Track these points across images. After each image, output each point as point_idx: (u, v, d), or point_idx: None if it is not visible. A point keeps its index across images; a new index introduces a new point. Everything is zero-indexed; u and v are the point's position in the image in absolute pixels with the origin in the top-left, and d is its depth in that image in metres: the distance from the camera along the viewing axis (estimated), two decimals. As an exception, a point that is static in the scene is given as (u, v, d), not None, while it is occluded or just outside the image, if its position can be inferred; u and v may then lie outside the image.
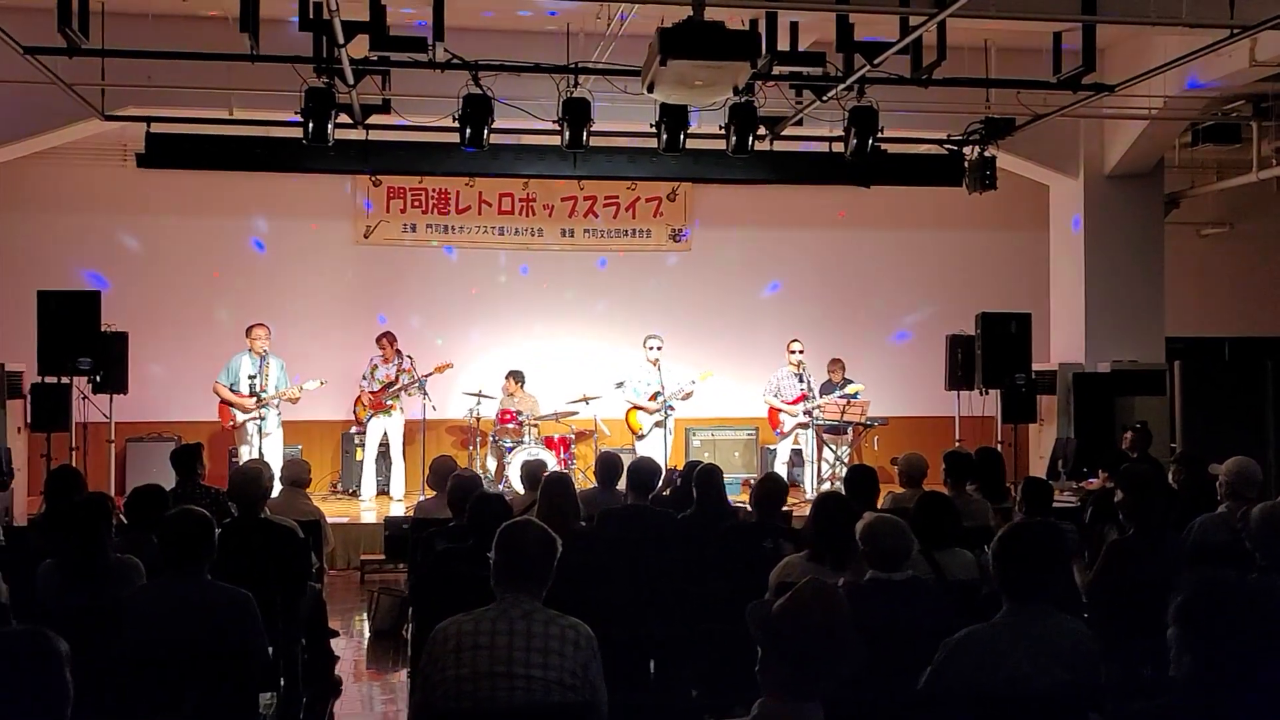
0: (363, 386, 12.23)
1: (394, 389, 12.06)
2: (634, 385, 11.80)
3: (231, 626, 4.44)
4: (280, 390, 11.22)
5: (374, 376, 12.18)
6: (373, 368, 12.22)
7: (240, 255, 13.47)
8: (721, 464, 11.94)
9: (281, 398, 11.23)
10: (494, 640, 3.64)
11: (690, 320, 13.95)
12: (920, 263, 14.61)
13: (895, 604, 4.45)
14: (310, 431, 12.99)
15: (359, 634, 8.31)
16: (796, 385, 11.94)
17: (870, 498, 6.59)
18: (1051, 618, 3.78)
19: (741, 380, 13.35)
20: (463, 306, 13.84)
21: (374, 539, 10.09)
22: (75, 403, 10.41)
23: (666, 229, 14.24)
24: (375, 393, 12.08)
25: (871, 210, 14.17)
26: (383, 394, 12.06)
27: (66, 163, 12.67)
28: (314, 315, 13.36)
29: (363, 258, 13.71)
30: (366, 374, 12.24)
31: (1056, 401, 12.41)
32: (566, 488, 6.33)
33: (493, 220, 13.90)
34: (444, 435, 13.41)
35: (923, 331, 13.77)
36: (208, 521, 4.62)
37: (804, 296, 14.33)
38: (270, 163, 10.83)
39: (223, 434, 12.18)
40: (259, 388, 11.12)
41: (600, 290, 14.12)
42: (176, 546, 4.54)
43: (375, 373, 12.19)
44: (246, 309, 12.56)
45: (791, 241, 14.47)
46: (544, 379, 13.25)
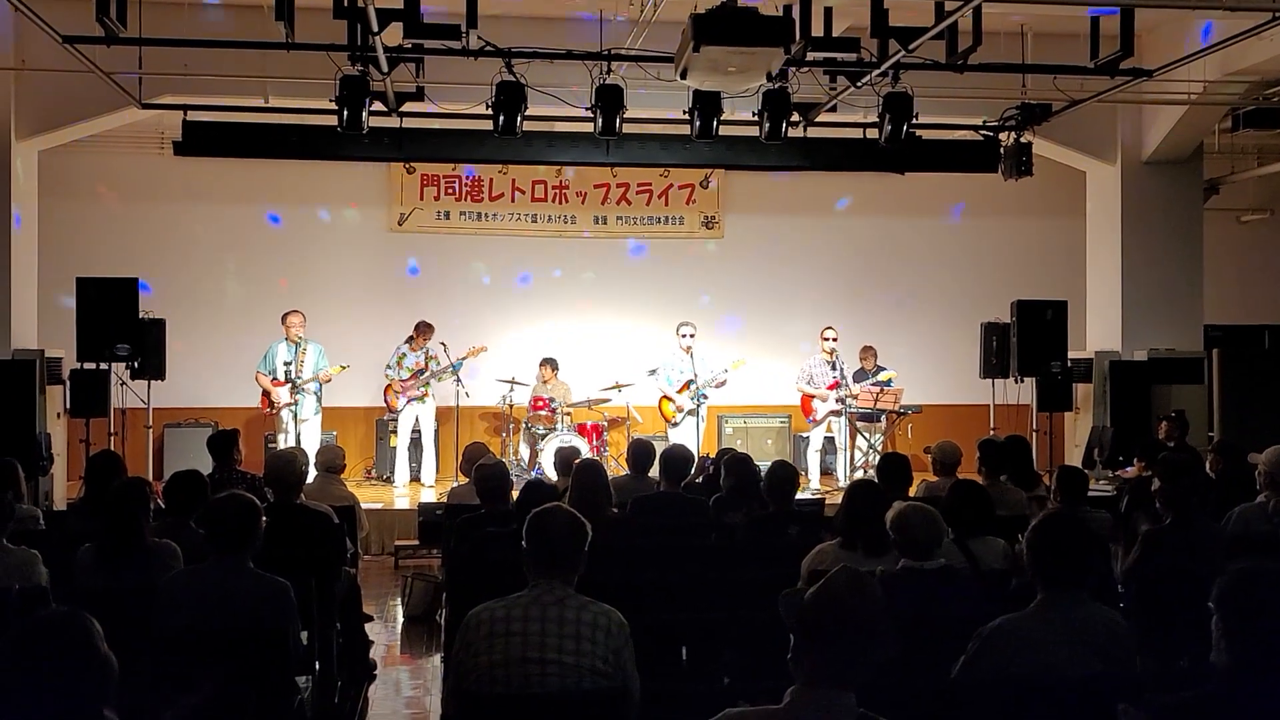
0: (389, 375, 12.26)
1: (424, 376, 12.11)
2: (667, 373, 11.80)
3: (269, 615, 4.47)
4: (313, 374, 11.31)
5: (402, 365, 12.23)
6: (400, 356, 12.25)
7: (276, 242, 13.55)
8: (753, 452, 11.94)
9: (319, 380, 11.35)
10: (526, 626, 3.66)
11: (723, 307, 13.92)
12: (955, 250, 14.52)
13: (928, 592, 4.44)
14: (344, 418, 13.07)
15: (393, 619, 8.36)
16: (829, 373, 11.90)
17: (903, 486, 6.56)
18: (1086, 607, 3.75)
19: (774, 368, 13.31)
20: (495, 294, 13.87)
21: (408, 525, 10.15)
22: (114, 389, 10.52)
23: (699, 216, 14.21)
24: (406, 381, 12.13)
25: (906, 197, 14.09)
26: (413, 382, 12.11)
27: (104, 151, 12.79)
28: (348, 301, 13.42)
29: (397, 244, 13.77)
30: (392, 363, 12.25)
31: (1092, 390, 12.30)
32: (598, 474, 6.34)
33: (526, 208, 13.92)
34: (477, 422, 13.46)
35: (957, 319, 13.68)
36: (255, 508, 4.64)
37: (837, 284, 14.27)
38: (305, 150, 10.88)
39: (260, 420, 12.29)
40: (294, 374, 11.20)
41: (633, 277, 14.11)
42: (222, 532, 4.56)
43: (403, 361, 12.23)
44: (281, 295, 12.64)
45: (825, 228, 14.41)
46: (577, 366, 13.25)
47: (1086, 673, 3.66)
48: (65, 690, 2.66)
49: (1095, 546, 3.98)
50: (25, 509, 6.47)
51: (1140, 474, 8.86)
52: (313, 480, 7.63)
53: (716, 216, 14.23)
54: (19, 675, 2.66)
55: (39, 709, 2.63)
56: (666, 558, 5.78)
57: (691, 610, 5.02)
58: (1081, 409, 12.42)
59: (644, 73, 8.87)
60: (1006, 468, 7.34)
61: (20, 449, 8.80)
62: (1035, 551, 3.82)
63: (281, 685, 4.44)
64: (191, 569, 4.79)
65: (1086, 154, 12.49)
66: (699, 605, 5.10)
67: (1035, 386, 11.40)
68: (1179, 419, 10.36)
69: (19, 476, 6.40)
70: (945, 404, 13.54)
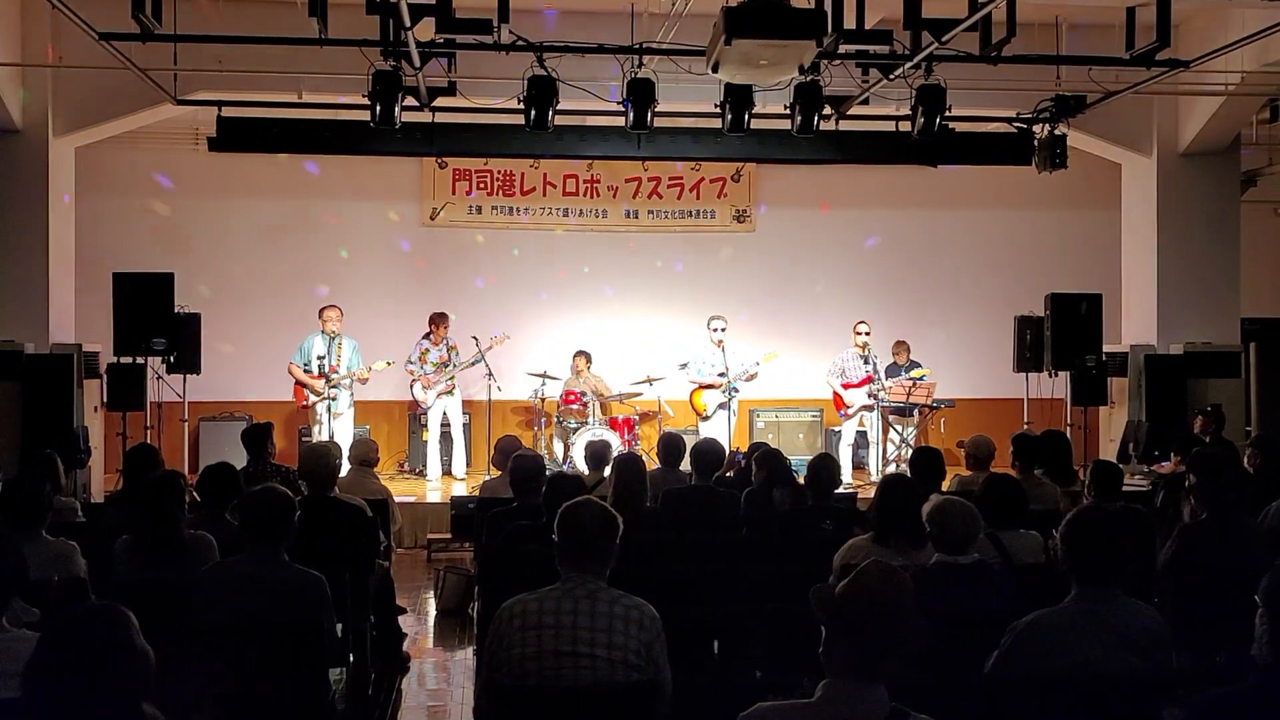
0: (412, 371, 12.25)
1: (449, 370, 12.15)
2: (698, 366, 11.79)
3: (304, 607, 4.50)
4: (351, 370, 11.36)
5: (425, 360, 12.24)
6: (423, 352, 12.26)
7: (310, 237, 13.63)
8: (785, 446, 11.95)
9: (352, 378, 11.37)
10: (559, 619, 3.67)
11: (754, 301, 13.90)
12: (988, 243, 14.43)
13: (961, 587, 4.42)
14: (377, 412, 13.14)
15: (426, 612, 8.40)
16: (862, 367, 11.86)
17: (936, 480, 6.54)
18: (1121, 602, 3.73)
19: (806, 362, 13.28)
20: (528, 287, 13.90)
21: (440, 518, 10.20)
22: (150, 383, 10.62)
23: (731, 210, 14.19)
24: (431, 376, 12.15)
25: (939, 190, 14.01)
26: (439, 376, 12.14)
27: (140, 147, 12.90)
28: (382, 296, 13.48)
29: (430, 239, 13.82)
30: (414, 359, 12.25)
31: (1128, 384, 12.20)
32: (639, 469, 6.35)
33: (557, 202, 13.94)
34: (509, 416, 13.50)
35: (991, 313, 13.60)
36: (290, 502, 4.67)
37: (869, 277, 14.22)
38: (338, 145, 10.92)
39: (294, 414, 12.37)
40: (329, 369, 11.26)
41: (664, 271, 14.11)
42: (257, 524, 4.60)
43: (427, 356, 12.24)
44: (318, 290, 12.72)
45: (857, 222, 14.36)
46: (608, 360, 13.27)
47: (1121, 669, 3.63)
48: (103, 683, 2.68)
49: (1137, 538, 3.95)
50: (64, 501, 6.55)
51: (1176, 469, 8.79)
52: (346, 474, 7.68)
53: (748, 210, 14.21)
54: (57, 668, 2.68)
55: (77, 702, 2.66)
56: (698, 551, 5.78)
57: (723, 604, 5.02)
58: (1116, 403, 12.31)
59: (675, 66, 8.86)
60: (1041, 462, 7.30)
61: (59, 442, 8.90)
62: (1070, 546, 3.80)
63: (316, 678, 4.48)
64: (227, 562, 4.83)
65: (1122, 146, 12.38)
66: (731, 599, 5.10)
67: (1069, 380, 11.32)
68: (1215, 413, 10.26)
69: (58, 469, 6.47)
70: (978, 398, 13.47)
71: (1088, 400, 11.32)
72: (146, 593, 4.74)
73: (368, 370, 11.42)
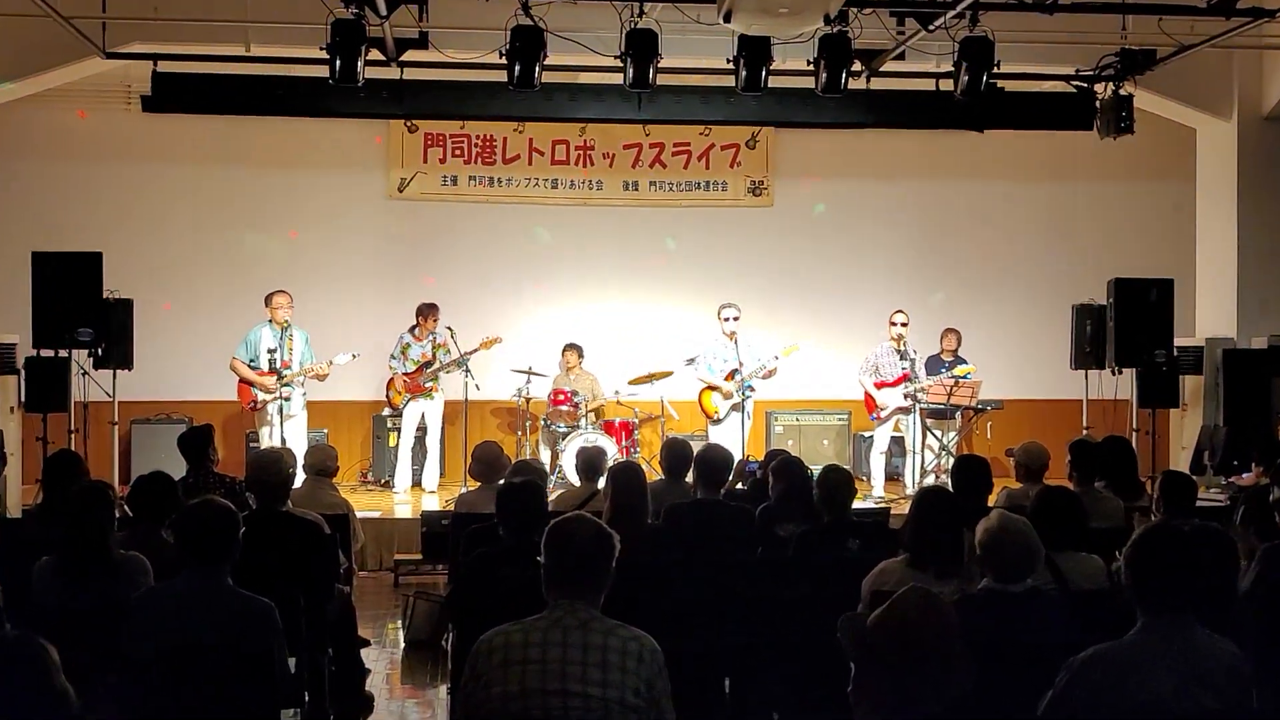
0: (393, 368, 12.30)
1: (431, 369, 12.16)
2: (707, 361, 11.77)
3: (250, 638, 4.50)
4: (305, 366, 11.33)
5: (406, 356, 12.27)
6: (404, 346, 12.28)
7: (259, 212, 13.61)
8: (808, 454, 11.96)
9: (307, 374, 11.34)
10: (546, 653, 3.67)
11: (773, 286, 13.89)
12: (1043, 221, 14.42)
13: (1012, 617, 4.41)
14: (337, 414, 13.13)
15: (392, 644, 8.40)
16: (898, 363, 11.85)
17: (981, 494, 6.53)
18: (1196, 635, 3.72)
19: (832, 356, 13.28)
20: (511, 270, 13.89)
21: (409, 536, 10.19)
22: (74, 379, 10.59)
23: (745, 181, 14.18)
24: (411, 374, 12.18)
25: (986, 159, 13.99)
26: (419, 375, 12.15)
27: (63, 107, 12.87)
28: (342, 280, 13.49)
29: (397, 214, 13.81)
30: (396, 354, 12.30)
31: (1203, 383, 12.20)
32: (638, 481, 6.33)
33: (545, 171, 13.93)
34: (488, 418, 13.49)
35: (1045, 300, 13.59)
36: (235, 517, 4.67)
37: (906, 259, 14.20)
38: (292, 106, 10.92)
39: (239, 416, 12.36)
40: (280, 363, 11.23)
41: (668, 252, 14.10)
42: (197, 543, 4.59)
43: (408, 352, 12.27)
44: (267, 273, 12.70)
45: (891, 196, 14.34)
46: (603, 354, 13.28)
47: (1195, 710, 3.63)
48: None
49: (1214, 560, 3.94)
50: (-26, 516, 6.54)
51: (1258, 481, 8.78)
52: (301, 484, 7.69)
53: (765, 182, 14.20)
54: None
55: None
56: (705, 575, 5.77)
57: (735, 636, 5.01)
58: (1190, 405, 12.31)
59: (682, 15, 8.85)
60: (1102, 473, 7.29)
61: (-33, 448, 8.88)
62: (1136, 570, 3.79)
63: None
64: (162, 586, 4.82)
65: (1197, 108, 12.37)
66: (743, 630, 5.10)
67: (1135, 379, 11.30)
68: (1304, 416, 10.27)
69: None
70: (1030, 399, 13.48)
71: (1156, 402, 11.31)
72: (69, 621, 4.73)
73: (327, 365, 11.39)
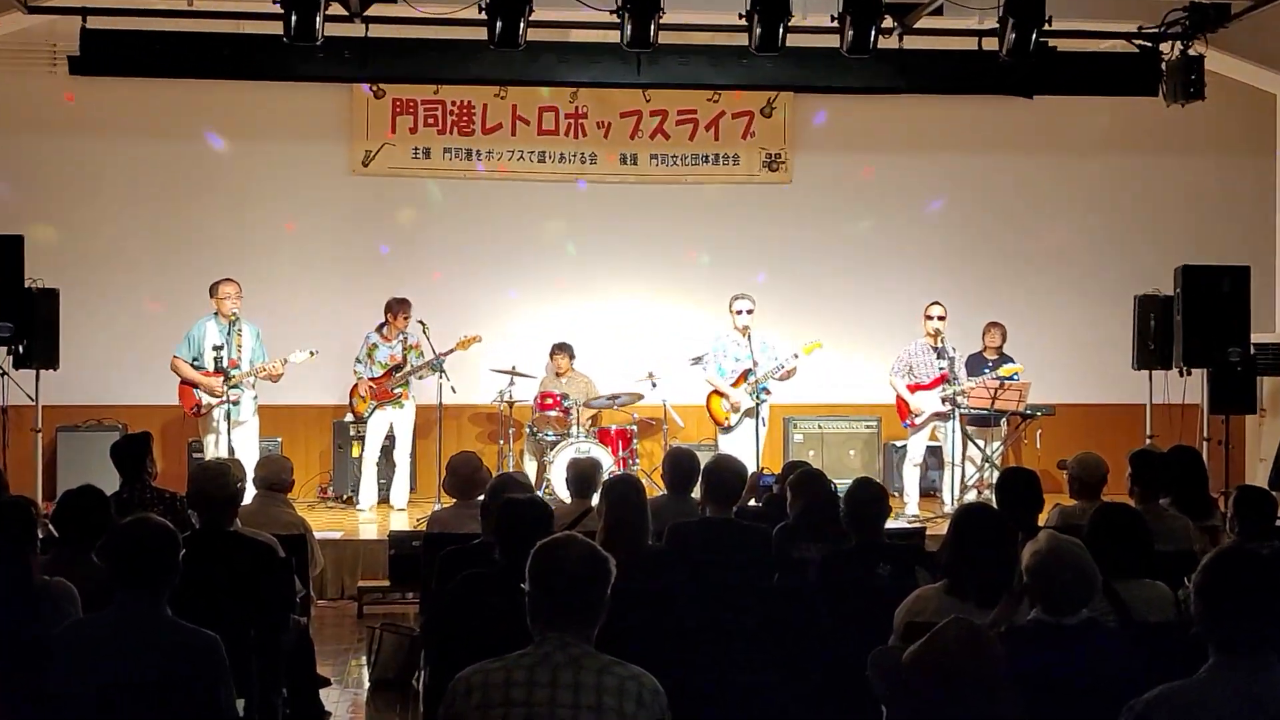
0: (358, 373, 12.31)
1: (402, 374, 12.16)
2: (717, 361, 11.76)
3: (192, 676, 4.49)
4: (256, 365, 11.31)
5: (373, 359, 12.26)
6: (370, 348, 12.29)
7: (203, 190, 13.60)
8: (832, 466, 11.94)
9: (259, 375, 11.32)
10: (531, 694, 3.66)
11: (791, 274, 13.89)
12: (1101, 200, 14.42)
13: (1065, 653, 4.41)
14: (293, 420, 13.14)
15: (356, 683, 8.39)
16: (934, 363, 11.83)
17: (1030, 512, 6.52)
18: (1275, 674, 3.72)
19: (860, 354, 13.31)
20: (492, 257, 13.88)
21: (375, 560, 10.18)
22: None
23: (760, 154, 14.18)
24: (378, 379, 12.17)
25: (1035, 129, 14.01)
26: (387, 380, 12.14)
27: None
28: (299, 267, 13.50)
29: (362, 192, 13.80)
30: (362, 356, 12.30)
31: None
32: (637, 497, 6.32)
33: (531, 143, 13.93)
34: (465, 426, 13.50)
35: (1104, 291, 13.60)
36: (175, 538, 4.65)
37: (944, 244, 14.21)
38: (241, 68, 10.90)
39: (180, 423, 12.34)
40: (227, 362, 11.21)
41: (672, 235, 14.10)
42: (132, 568, 4.57)
43: (375, 354, 12.27)
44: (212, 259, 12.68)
45: (927, 171, 14.34)
46: (598, 353, 13.31)
47: (1275, 761, 3.63)
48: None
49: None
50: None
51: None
52: (251, 501, 7.69)
53: (783, 155, 14.20)
54: None
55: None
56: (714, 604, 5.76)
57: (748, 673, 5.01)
58: (1269, 410, 12.32)
59: (687, -36, 8.85)
60: (1169, 488, 7.28)
61: None
62: (1207, 600, 3.78)
63: (210, 769, 4.47)
64: (92, 617, 4.81)
65: (1277, 70, 12.37)
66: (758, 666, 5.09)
67: (1206, 380, 11.31)
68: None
69: None
70: (1086, 403, 13.51)
71: (1230, 407, 11.31)
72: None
73: (281, 363, 11.38)
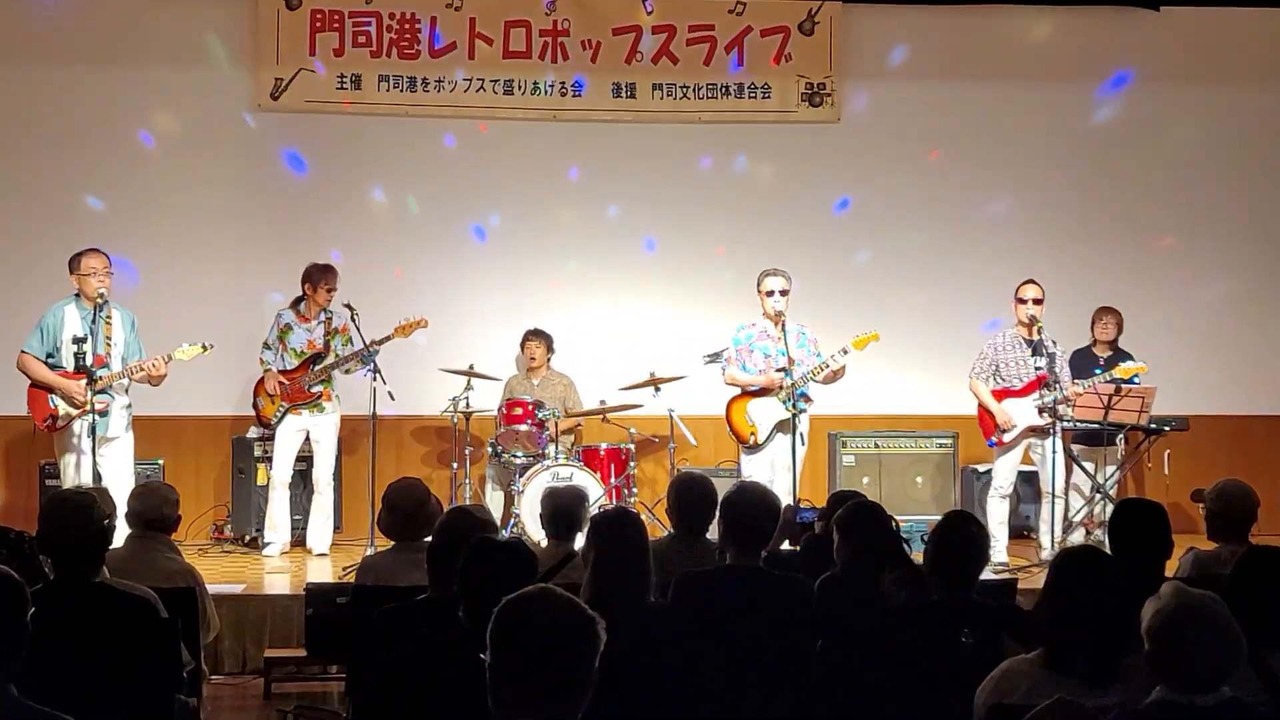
0: (265, 361, 12.30)
1: (323, 366, 12.16)
2: (741, 358, 11.76)
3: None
4: (131, 363, 11.29)
5: (285, 345, 12.28)
6: (282, 330, 12.30)
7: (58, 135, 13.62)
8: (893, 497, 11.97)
9: (134, 376, 11.30)
10: (493, 800, 3.68)
11: (839, 244, 13.90)
12: (1250, 147, 14.45)
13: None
14: (179, 436, 13.20)
15: (263, 786, 8.43)
16: (1030, 360, 11.82)
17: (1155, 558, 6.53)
18: None
19: (929, 350, 13.34)
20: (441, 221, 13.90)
21: (288, 621, 10.16)
22: None
23: (798, 84, 14.18)
24: (290, 373, 12.16)
25: (1162, 52, 14.04)
26: (302, 374, 12.13)
27: None
28: (187, 234, 13.51)
29: (271, 133, 13.83)
30: (272, 340, 12.31)
31: None
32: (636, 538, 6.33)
33: (493, 68, 13.92)
34: (408, 443, 13.53)
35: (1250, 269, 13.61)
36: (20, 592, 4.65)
37: (1040, 202, 14.24)
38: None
39: (30, 439, 12.34)
40: (93, 360, 11.21)
41: (682, 193, 14.13)
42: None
43: (287, 337, 12.27)
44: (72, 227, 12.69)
45: (1019, 106, 14.36)
46: (582, 348, 13.36)
47: None
48: None
49: None
50: None
51: None
52: (123, 543, 7.66)
53: (827, 85, 14.20)
54: None
55: None
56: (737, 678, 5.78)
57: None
58: None
59: None
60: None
61: None
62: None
63: None
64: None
65: None
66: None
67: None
68: None
69: None
70: (1229, 414, 13.54)
71: None
72: None
73: (164, 360, 11.36)
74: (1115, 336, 12.67)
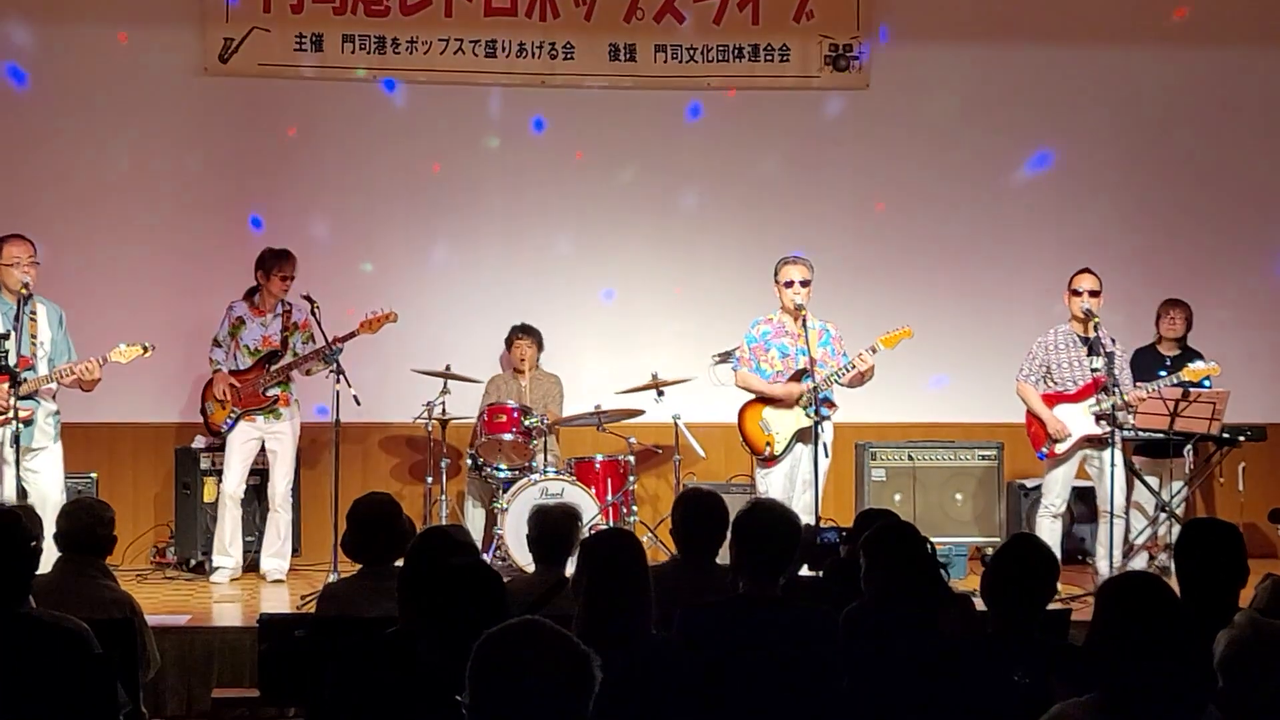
0: (215, 361, 12.32)
1: (279, 366, 12.17)
2: (755, 358, 11.77)
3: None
4: (61, 366, 11.31)
5: (238, 341, 12.30)
6: (235, 324, 12.33)
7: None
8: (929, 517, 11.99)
9: (62, 379, 11.32)
10: None
11: (867, 230, 13.92)
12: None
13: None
14: (116, 446, 13.22)
15: (210, 844, 8.44)
16: (1085, 361, 11.83)
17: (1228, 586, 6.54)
18: None
19: (970, 350, 13.33)
20: (416, 200, 13.92)
21: (239, 657, 10.19)
22: None
23: (820, 45, 14.19)
24: (243, 374, 12.18)
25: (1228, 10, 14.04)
26: (257, 376, 12.14)
27: None
28: (125, 217, 13.53)
29: (220, 100, 13.85)
30: (223, 336, 12.35)
31: None
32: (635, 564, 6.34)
33: (474, 28, 13.93)
34: (376, 454, 13.55)
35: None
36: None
37: (1097, 182, 14.24)
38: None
39: (-55, 450, 12.39)
40: (16, 361, 11.23)
41: (689, 169, 14.15)
42: None
43: (240, 333, 12.29)
44: None
45: (1075, 72, 14.38)
46: (575, 348, 13.37)
47: None
48: None
49: None
50: None
51: None
52: (51, 568, 7.67)
53: (854, 46, 14.21)
54: None
55: None
56: None
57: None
58: None
59: None
60: None
61: None
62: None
63: None
64: None
65: None
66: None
67: None
68: None
69: None
70: (1313, 423, 13.54)
71: None
72: None
73: (99, 363, 11.38)
74: (1183, 334, 12.68)
